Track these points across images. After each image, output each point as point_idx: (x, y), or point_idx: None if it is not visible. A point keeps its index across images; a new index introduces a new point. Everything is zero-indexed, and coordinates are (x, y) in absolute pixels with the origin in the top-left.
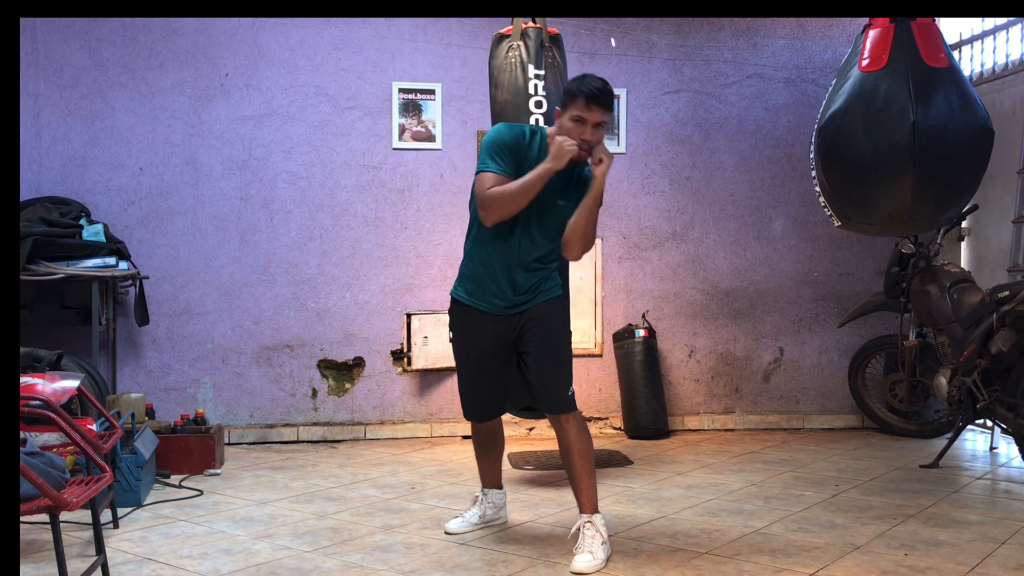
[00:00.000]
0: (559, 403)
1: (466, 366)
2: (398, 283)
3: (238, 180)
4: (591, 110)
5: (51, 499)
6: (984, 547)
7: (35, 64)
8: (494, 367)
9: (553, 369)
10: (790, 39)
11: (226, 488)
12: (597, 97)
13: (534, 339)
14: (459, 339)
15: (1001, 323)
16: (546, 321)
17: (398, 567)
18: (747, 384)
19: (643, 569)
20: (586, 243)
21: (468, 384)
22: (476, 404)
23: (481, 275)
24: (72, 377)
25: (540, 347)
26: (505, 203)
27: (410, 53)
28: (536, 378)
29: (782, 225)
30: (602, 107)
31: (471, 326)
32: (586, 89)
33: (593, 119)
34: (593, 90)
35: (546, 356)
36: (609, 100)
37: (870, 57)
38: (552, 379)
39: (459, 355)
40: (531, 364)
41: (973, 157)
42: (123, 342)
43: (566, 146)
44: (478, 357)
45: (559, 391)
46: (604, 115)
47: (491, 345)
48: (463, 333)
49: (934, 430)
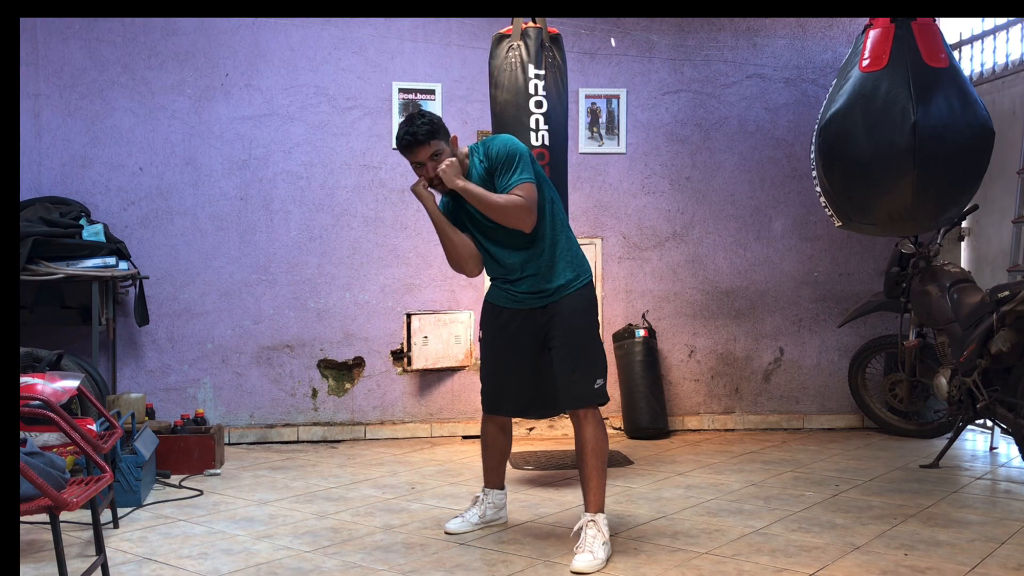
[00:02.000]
0: (580, 397)
1: (486, 357)
2: (398, 283)
3: (238, 180)
4: (414, 154)
5: (51, 499)
6: (984, 547)
7: (35, 64)
8: (515, 361)
9: (576, 363)
10: (790, 39)
11: (226, 488)
12: (408, 144)
13: (558, 333)
14: (484, 332)
15: (1001, 323)
16: (567, 314)
17: (398, 567)
18: (747, 384)
19: (643, 569)
20: (503, 217)
21: (486, 375)
22: (488, 393)
23: (495, 279)
24: (72, 377)
25: (563, 341)
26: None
27: (410, 53)
28: (559, 372)
29: (782, 225)
30: (418, 146)
31: (499, 321)
32: (399, 144)
33: (419, 159)
34: (402, 141)
35: (569, 350)
36: (420, 138)
37: (870, 57)
38: (575, 373)
39: (483, 347)
40: (555, 359)
41: (973, 157)
42: (123, 342)
43: (418, 188)
44: (498, 348)
45: (581, 385)
46: (425, 149)
47: (514, 336)
48: (489, 327)
49: (934, 430)
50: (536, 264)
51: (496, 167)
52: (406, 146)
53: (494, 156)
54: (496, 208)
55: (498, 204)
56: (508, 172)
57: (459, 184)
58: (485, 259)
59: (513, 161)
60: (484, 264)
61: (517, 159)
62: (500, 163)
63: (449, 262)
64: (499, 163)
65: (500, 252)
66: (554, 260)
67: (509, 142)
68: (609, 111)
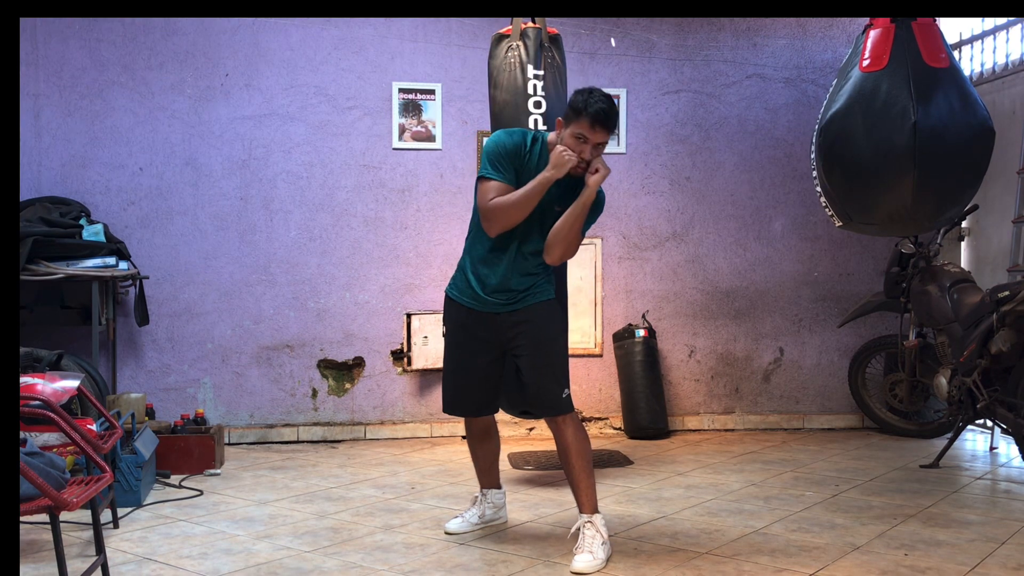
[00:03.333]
0: (553, 406)
1: (449, 359)
2: (398, 283)
3: (238, 180)
4: (595, 131)
5: (51, 499)
6: (984, 547)
7: (35, 64)
8: (477, 364)
9: (546, 372)
10: (790, 39)
11: (226, 488)
12: (602, 120)
13: (525, 342)
14: (449, 333)
15: (1001, 323)
16: (537, 323)
17: (398, 567)
18: (747, 384)
19: (643, 569)
20: (567, 248)
21: (447, 375)
22: (450, 395)
23: (475, 274)
24: (72, 377)
25: (532, 351)
26: (507, 214)
27: (410, 53)
28: (530, 382)
29: (782, 225)
30: (606, 129)
31: (461, 321)
32: (592, 110)
33: (595, 139)
34: (599, 112)
35: (538, 360)
36: (614, 123)
37: (871, 57)
38: (545, 383)
39: (446, 348)
40: (523, 368)
41: (973, 157)
42: (123, 342)
43: (566, 156)
44: (461, 352)
45: (552, 394)
46: (606, 136)
47: (478, 341)
48: (453, 327)
49: (934, 430)
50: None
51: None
52: (600, 119)
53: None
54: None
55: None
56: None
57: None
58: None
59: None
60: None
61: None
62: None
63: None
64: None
65: (517, 244)
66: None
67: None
68: None
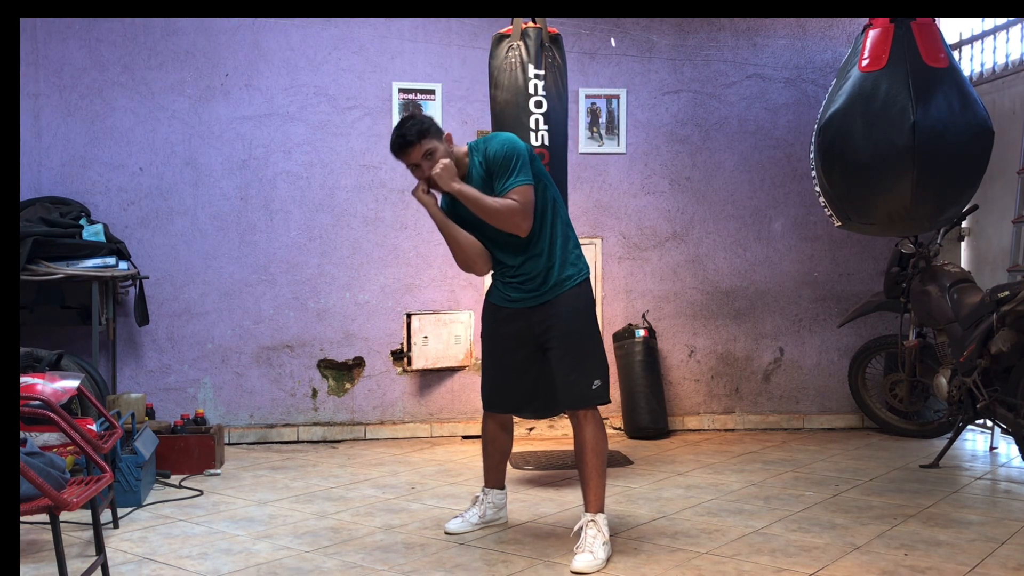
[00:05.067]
0: (578, 398)
1: (485, 354)
2: (398, 283)
3: (238, 180)
4: (407, 156)
5: (51, 499)
6: (984, 547)
7: (35, 64)
8: (511, 360)
9: (574, 364)
10: (790, 39)
11: (226, 488)
12: (397, 149)
13: (555, 334)
14: (484, 330)
15: (1001, 323)
16: (565, 314)
17: (398, 567)
18: (747, 384)
19: (643, 569)
20: (502, 222)
21: (484, 372)
22: (486, 390)
23: (496, 277)
24: (72, 377)
25: (561, 342)
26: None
27: (410, 53)
28: (558, 373)
29: (782, 225)
30: (409, 148)
31: (497, 318)
32: (392, 148)
33: (412, 160)
34: (393, 144)
35: (567, 350)
36: (410, 139)
37: (870, 57)
38: (573, 373)
39: (483, 344)
40: (552, 359)
41: (973, 157)
42: (123, 342)
43: (416, 189)
44: (495, 346)
45: (579, 386)
46: (417, 149)
47: (511, 335)
48: (488, 326)
49: (934, 430)
50: (534, 264)
51: (494, 169)
52: (398, 148)
53: (491, 157)
54: (491, 213)
55: (493, 208)
56: (506, 175)
57: (454, 187)
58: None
59: (511, 163)
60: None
61: (515, 160)
62: (498, 165)
63: (457, 262)
64: (497, 165)
65: (499, 252)
66: (552, 261)
67: (508, 142)
68: (609, 111)
